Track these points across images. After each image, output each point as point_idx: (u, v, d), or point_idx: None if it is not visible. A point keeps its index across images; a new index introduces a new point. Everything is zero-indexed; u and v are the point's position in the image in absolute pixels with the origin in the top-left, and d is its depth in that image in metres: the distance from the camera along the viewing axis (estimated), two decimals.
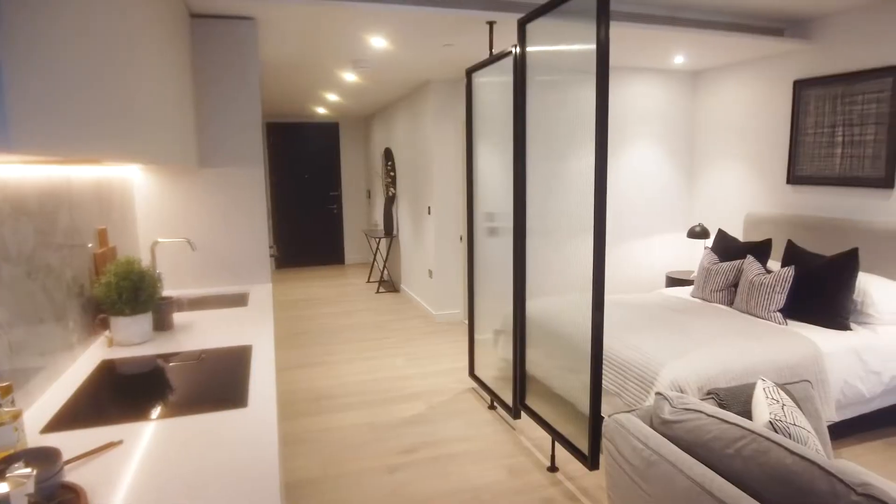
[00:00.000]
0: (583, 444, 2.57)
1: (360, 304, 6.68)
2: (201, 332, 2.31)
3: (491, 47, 3.52)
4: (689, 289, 4.30)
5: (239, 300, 2.92)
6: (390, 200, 7.53)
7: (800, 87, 4.23)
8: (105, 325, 2.16)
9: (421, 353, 4.80)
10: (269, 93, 6.30)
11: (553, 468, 2.92)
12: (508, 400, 3.37)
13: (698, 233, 4.92)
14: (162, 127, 2.13)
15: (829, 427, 3.19)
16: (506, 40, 3.91)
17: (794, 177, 4.32)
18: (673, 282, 4.99)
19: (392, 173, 7.41)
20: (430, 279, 5.96)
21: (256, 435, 1.39)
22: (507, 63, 3.14)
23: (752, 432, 1.55)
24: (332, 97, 6.70)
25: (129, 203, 2.93)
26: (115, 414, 1.52)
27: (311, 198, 9.22)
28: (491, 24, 3.45)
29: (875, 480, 1.93)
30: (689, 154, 5.52)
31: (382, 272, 7.71)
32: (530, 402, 3.15)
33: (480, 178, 3.68)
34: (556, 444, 2.97)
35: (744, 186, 4.87)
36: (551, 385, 2.97)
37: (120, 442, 1.35)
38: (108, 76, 1.47)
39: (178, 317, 2.57)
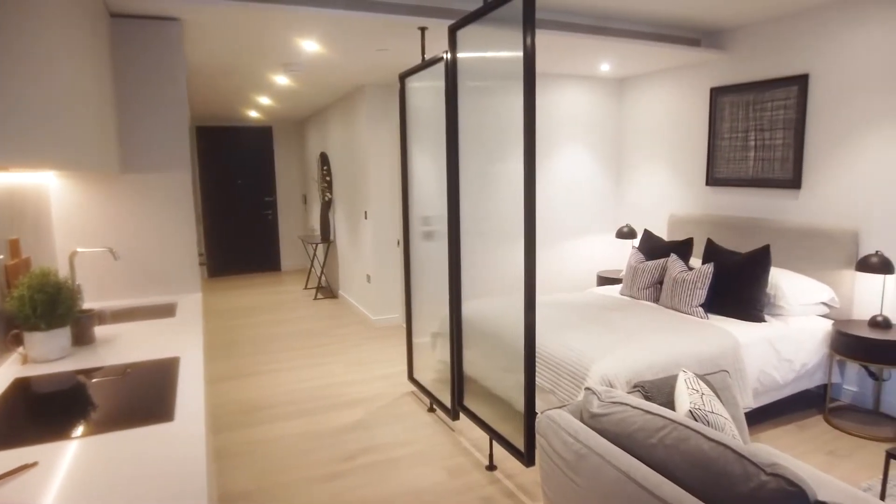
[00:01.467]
0: (519, 442, 2.63)
1: (297, 311, 6.55)
2: (125, 346, 2.21)
3: (423, 53, 3.55)
4: (619, 287, 4.47)
5: (167, 311, 2.81)
6: (327, 205, 7.44)
7: (716, 94, 4.49)
8: (19, 341, 2.04)
9: (360, 359, 4.77)
10: (198, 95, 6.10)
11: (492, 467, 2.96)
12: (447, 402, 3.40)
13: (626, 233, 5.13)
14: (77, 131, 2.03)
15: (748, 413, 3.39)
16: (439, 46, 3.95)
17: (713, 179, 4.57)
18: (604, 281, 5.17)
19: (328, 178, 7.32)
20: (368, 284, 5.93)
21: (183, 448, 1.35)
22: (440, 69, 3.18)
23: (673, 421, 1.63)
24: (264, 100, 6.56)
25: (45, 211, 2.78)
26: (29, 435, 1.44)
27: (244, 203, 8.98)
28: (423, 29, 3.48)
29: (784, 461, 2.08)
30: (617, 157, 5.74)
31: (320, 278, 7.60)
32: (468, 402, 3.19)
33: (416, 183, 3.70)
34: (494, 443, 3.02)
35: (667, 188, 5.11)
36: (488, 385, 3.02)
37: (35, 464, 1.28)
38: (12, 76, 1.40)
39: (100, 330, 2.45)
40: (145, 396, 1.69)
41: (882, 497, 2.49)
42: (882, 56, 3.43)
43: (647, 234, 4.45)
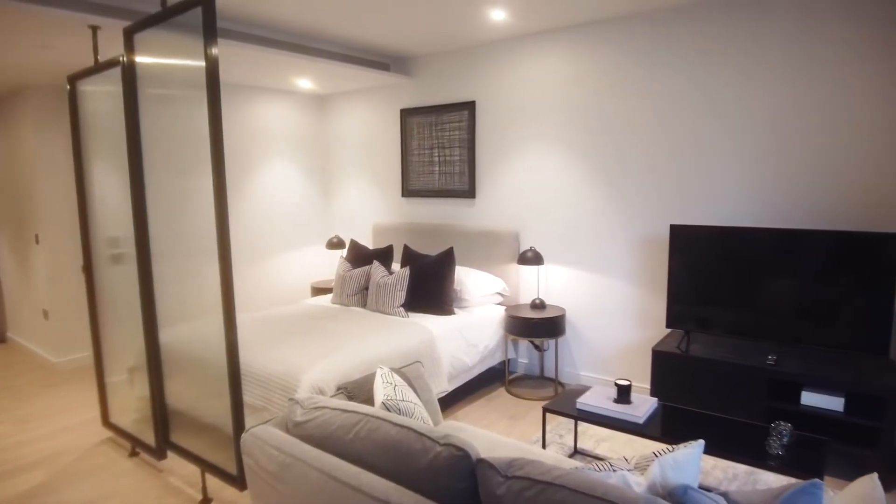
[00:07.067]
0: (231, 467, 2.54)
1: None
2: None
3: (96, 54, 3.18)
4: (330, 296, 4.63)
5: None
6: None
7: (405, 114, 4.98)
8: None
9: (39, 413, 4.00)
10: None
11: (206, 500, 2.80)
12: (152, 441, 3.08)
13: (335, 243, 5.34)
14: None
15: (447, 395, 3.84)
16: (119, 48, 3.57)
17: (407, 190, 5.07)
18: (318, 291, 5.29)
19: None
20: (45, 321, 5.01)
21: None
22: (117, 73, 2.89)
23: (367, 415, 1.78)
24: None
25: None
26: None
27: None
28: (94, 28, 3.12)
29: (465, 432, 2.41)
30: (324, 171, 5.94)
31: None
32: (176, 437, 2.95)
33: (98, 200, 3.27)
34: (207, 474, 2.86)
35: (370, 200, 5.48)
36: (197, 414, 2.84)
37: None
38: None
39: None
40: None
41: (543, 446, 3.08)
42: (529, 89, 4.23)
43: (353, 243, 4.70)
